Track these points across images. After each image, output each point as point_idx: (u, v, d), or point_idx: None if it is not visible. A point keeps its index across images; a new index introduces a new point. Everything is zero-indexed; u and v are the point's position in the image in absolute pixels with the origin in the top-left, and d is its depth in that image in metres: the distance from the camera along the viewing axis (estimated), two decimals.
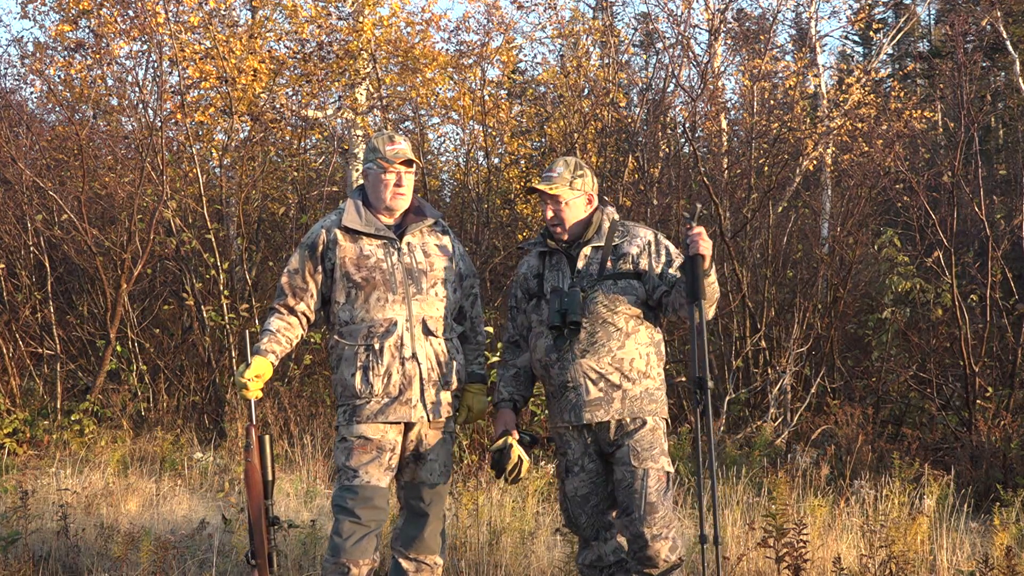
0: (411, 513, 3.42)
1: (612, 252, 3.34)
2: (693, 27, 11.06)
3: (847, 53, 19.85)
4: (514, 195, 10.06)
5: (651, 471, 3.22)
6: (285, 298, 3.40)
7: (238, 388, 3.30)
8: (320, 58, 10.03)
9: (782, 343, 8.00)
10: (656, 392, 3.31)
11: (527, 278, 3.47)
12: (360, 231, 3.36)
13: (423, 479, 3.38)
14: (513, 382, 3.50)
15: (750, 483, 5.78)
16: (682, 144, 9.40)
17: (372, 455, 3.27)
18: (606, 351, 3.25)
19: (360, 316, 3.31)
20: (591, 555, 3.39)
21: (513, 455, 3.32)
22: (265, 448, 3.29)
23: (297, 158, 9.87)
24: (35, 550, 4.45)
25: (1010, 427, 6.58)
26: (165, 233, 8.34)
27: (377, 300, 3.30)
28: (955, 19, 8.95)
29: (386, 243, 3.36)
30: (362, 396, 3.28)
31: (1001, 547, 4.30)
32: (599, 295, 3.27)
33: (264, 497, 3.27)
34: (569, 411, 3.29)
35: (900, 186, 8.57)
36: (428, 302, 3.36)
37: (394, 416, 3.29)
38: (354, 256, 3.34)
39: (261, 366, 3.29)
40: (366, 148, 3.46)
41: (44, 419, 7.52)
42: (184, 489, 6.13)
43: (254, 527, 3.26)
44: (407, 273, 3.34)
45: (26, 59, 10.40)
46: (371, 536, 3.28)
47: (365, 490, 3.26)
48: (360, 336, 3.30)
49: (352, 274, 3.32)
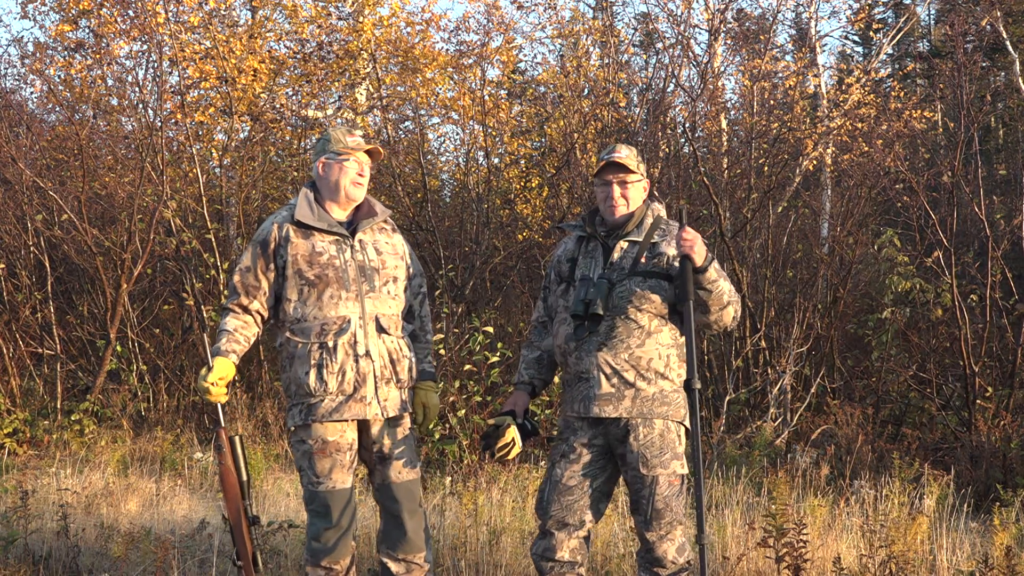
0: (389, 514, 3.41)
1: (649, 249, 3.29)
2: (693, 27, 11.07)
3: (847, 53, 19.88)
4: (514, 195, 10.06)
5: (660, 477, 3.20)
6: (238, 297, 3.35)
7: (201, 393, 3.27)
8: (320, 58, 10.03)
9: (782, 343, 8.00)
10: (672, 395, 3.26)
11: (561, 261, 3.44)
12: (312, 226, 3.31)
13: (393, 479, 3.37)
14: (535, 365, 3.48)
15: (750, 483, 5.79)
16: (682, 144, 9.40)
17: (332, 458, 3.28)
18: (624, 347, 3.22)
19: (313, 314, 3.28)
20: (544, 545, 3.33)
21: (507, 435, 3.30)
22: (237, 449, 3.30)
23: (297, 158, 9.86)
24: (35, 550, 4.45)
25: (1010, 427, 6.58)
26: (165, 233, 8.34)
27: (330, 298, 3.27)
28: (955, 19, 8.95)
29: (339, 240, 3.33)
30: (316, 394, 3.26)
31: (1001, 547, 4.30)
32: (627, 290, 3.23)
33: (242, 497, 3.28)
34: (580, 402, 3.26)
35: (900, 186, 8.57)
36: (381, 300, 3.34)
37: (349, 414, 3.27)
38: (306, 253, 3.29)
39: (223, 367, 3.26)
40: (322, 140, 3.41)
41: (44, 419, 7.52)
42: (184, 489, 6.13)
43: (234, 528, 3.28)
44: (360, 270, 3.32)
45: (26, 59, 10.41)
46: (347, 535, 3.34)
47: (332, 495, 3.29)
48: (313, 334, 3.27)
49: (304, 271, 3.28)
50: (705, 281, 3.19)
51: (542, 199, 9.57)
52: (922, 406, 7.64)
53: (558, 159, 9.51)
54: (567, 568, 3.31)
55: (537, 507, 3.36)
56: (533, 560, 3.38)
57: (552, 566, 3.31)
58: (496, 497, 5.25)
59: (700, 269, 3.17)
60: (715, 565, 4.33)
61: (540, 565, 3.34)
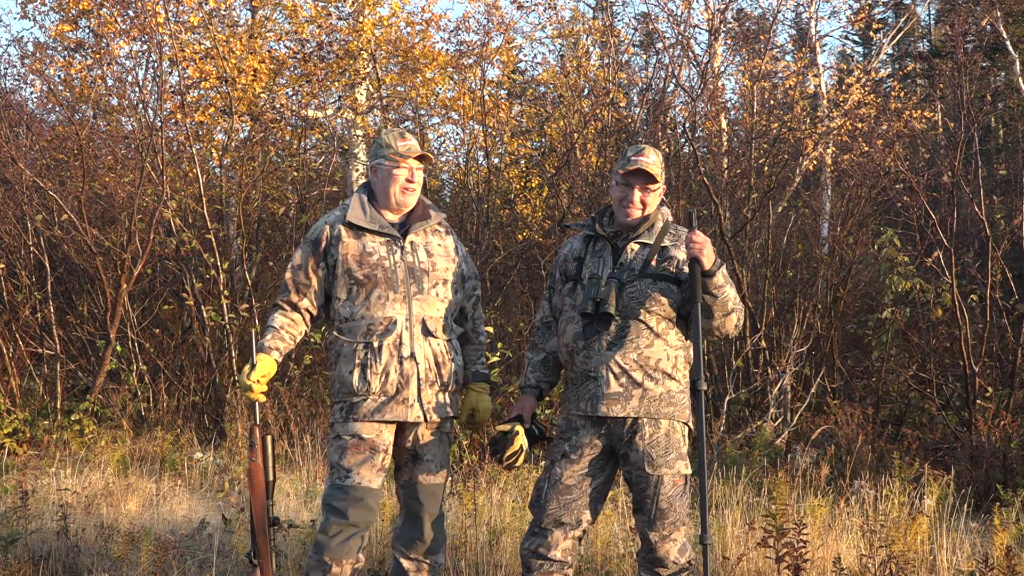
0: (410, 513, 3.42)
1: (659, 253, 3.30)
2: (693, 27, 11.08)
3: (847, 53, 19.87)
4: (514, 195, 10.06)
5: (665, 477, 3.20)
6: (288, 294, 3.39)
7: (243, 390, 3.29)
8: (320, 58, 10.03)
9: (782, 343, 8.00)
10: (678, 395, 3.27)
11: (567, 260, 3.43)
12: (364, 227, 3.34)
13: (420, 480, 3.38)
14: (541, 367, 3.48)
15: (750, 483, 5.79)
16: (682, 144, 9.39)
17: (365, 455, 3.27)
18: (633, 347, 3.22)
19: (360, 313, 3.31)
20: (537, 542, 3.31)
21: (516, 443, 3.30)
22: (268, 449, 3.31)
23: (297, 158, 9.86)
24: (35, 550, 4.45)
25: (1010, 427, 6.58)
26: (165, 233, 8.34)
27: (378, 298, 3.30)
28: (955, 19, 8.94)
29: (389, 241, 3.35)
30: (359, 394, 3.28)
31: (1001, 547, 4.29)
32: (638, 291, 3.24)
33: (265, 497, 3.29)
34: (587, 401, 3.26)
35: (900, 186, 8.57)
36: (429, 302, 3.35)
37: (390, 415, 3.28)
38: (357, 253, 3.32)
39: (266, 365, 3.29)
40: (375, 143, 3.44)
41: (44, 419, 7.52)
42: (184, 489, 6.12)
43: (256, 527, 3.27)
44: (409, 272, 3.33)
45: (26, 59, 10.41)
46: (357, 536, 3.29)
47: (356, 491, 3.26)
48: (359, 333, 3.30)
49: (354, 271, 3.31)
50: (712, 286, 3.20)
51: (542, 199, 9.57)
52: (922, 406, 7.64)
53: (558, 159, 9.50)
54: (556, 567, 3.30)
55: (534, 504, 3.35)
56: (521, 555, 3.37)
57: (542, 564, 3.30)
58: (496, 497, 5.25)
59: (708, 273, 3.18)
60: (715, 565, 4.34)
61: (528, 561, 3.33)
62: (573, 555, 3.33)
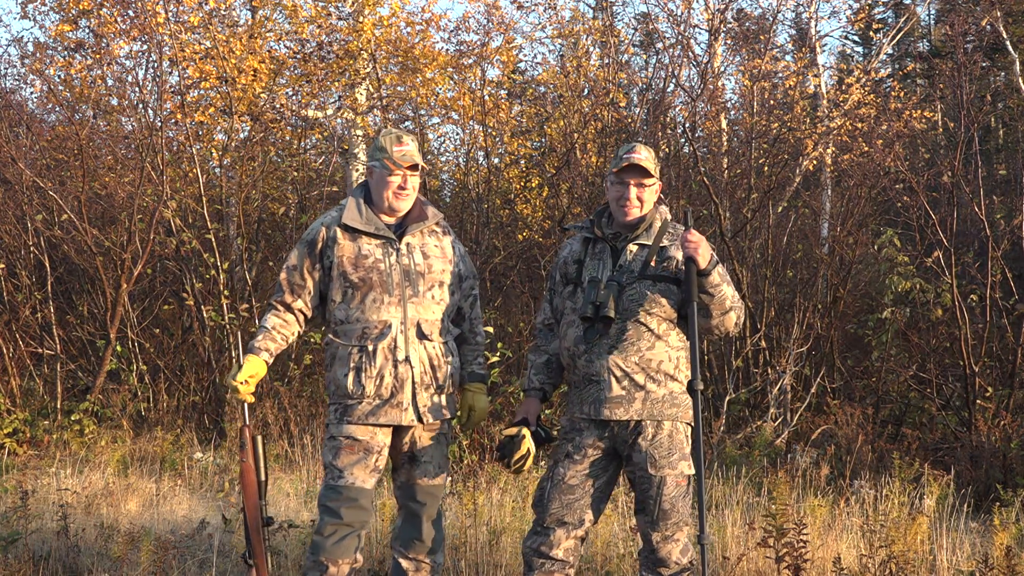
0: (408, 514, 3.43)
1: (658, 253, 3.28)
2: (693, 27, 11.08)
3: (847, 53, 19.87)
4: (514, 195, 10.06)
5: (668, 478, 3.20)
6: (282, 295, 3.39)
7: (230, 391, 3.29)
8: (320, 58, 10.03)
9: (782, 343, 8.00)
10: (680, 396, 3.26)
11: (567, 263, 3.41)
12: (360, 230, 3.33)
13: (418, 481, 3.38)
14: (544, 369, 3.47)
15: (750, 483, 5.79)
16: (682, 144, 9.39)
17: (359, 456, 3.28)
18: (634, 350, 3.21)
19: (355, 316, 3.30)
20: (539, 540, 3.31)
21: (523, 446, 3.29)
22: (259, 449, 3.31)
23: (297, 158, 9.86)
24: (35, 550, 4.45)
25: (1010, 427, 6.58)
26: (165, 233, 8.34)
27: (373, 301, 3.29)
28: (955, 19, 8.95)
29: (385, 243, 3.34)
30: (354, 396, 3.28)
31: (1001, 547, 4.30)
32: (637, 293, 3.23)
33: (258, 497, 3.29)
34: (590, 404, 3.25)
35: (900, 186, 8.57)
36: (424, 305, 3.34)
37: (384, 419, 3.28)
38: (352, 255, 3.31)
39: (254, 366, 3.28)
40: (372, 145, 3.42)
41: (44, 419, 7.52)
42: (184, 489, 6.12)
43: (250, 527, 3.28)
44: (404, 275, 3.32)
45: (26, 59, 10.41)
46: (353, 536, 3.29)
47: (350, 491, 3.27)
48: (354, 336, 3.30)
49: (349, 273, 3.30)
50: (708, 284, 3.18)
51: (542, 199, 9.57)
52: (922, 406, 7.63)
53: (558, 159, 9.51)
54: (558, 567, 3.30)
55: (536, 503, 3.35)
56: (523, 554, 3.37)
57: (543, 563, 3.30)
58: (496, 497, 5.25)
59: (704, 272, 3.16)
60: (715, 565, 4.34)
61: (530, 560, 3.33)
62: (575, 555, 3.33)
